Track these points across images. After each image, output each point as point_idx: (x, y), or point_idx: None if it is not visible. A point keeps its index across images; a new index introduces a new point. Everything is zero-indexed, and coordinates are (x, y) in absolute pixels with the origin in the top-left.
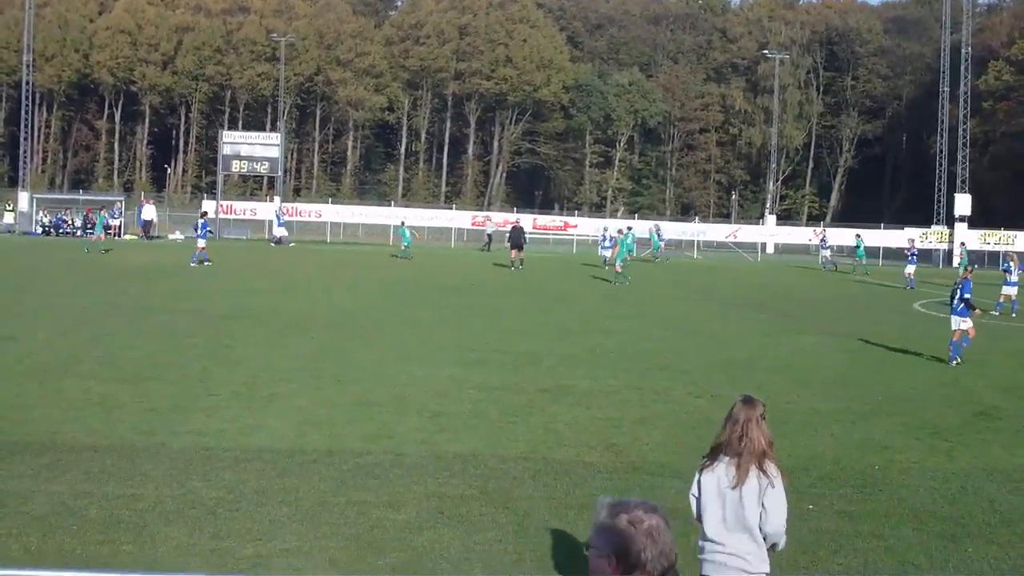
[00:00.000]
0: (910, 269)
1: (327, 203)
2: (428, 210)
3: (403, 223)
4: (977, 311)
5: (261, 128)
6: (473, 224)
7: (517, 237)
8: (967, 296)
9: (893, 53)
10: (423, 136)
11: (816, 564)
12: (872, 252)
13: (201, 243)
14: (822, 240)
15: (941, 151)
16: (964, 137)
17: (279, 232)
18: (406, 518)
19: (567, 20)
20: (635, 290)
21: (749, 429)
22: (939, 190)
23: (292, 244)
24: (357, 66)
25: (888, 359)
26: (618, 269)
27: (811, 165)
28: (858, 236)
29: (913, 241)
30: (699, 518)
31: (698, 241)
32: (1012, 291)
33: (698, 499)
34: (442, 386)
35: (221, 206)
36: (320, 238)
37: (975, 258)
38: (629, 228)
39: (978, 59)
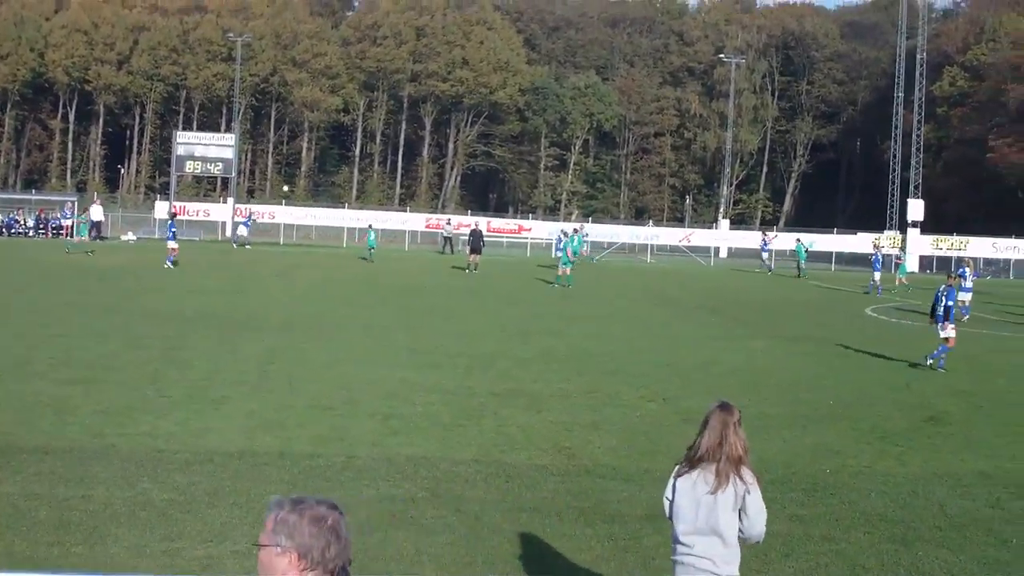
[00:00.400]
0: (877, 275)
1: (281, 204)
2: (382, 212)
3: (370, 226)
4: (952, 325)
5: (216, 129)
6: (427, 226)
7: (476, 241)
8: (949, 304)
9: (849, 58)
10: (378, 138)
11: (768, 567)
12: (826, 257)
13: (172, 244)
14: (763, 243)
15: (895, 156)
16: (918, 143)
17: (243, 232)
18: (357, 520)
19: (524, 22)
20: (588, 293)
21: (727, 435)
22: (892, 195)
23: (248, 246)
24: (313, 67)
25: (840, 364)
26: (560, 272)
27: (765, 169)
28: (798, 240)
29: (879, 247)
30: (671, 521)
31: (651, 245)
32: (967, 297)
33: (671, 502)
34: (394, 389)
35: (174, 207)
36: (273, 239)
37: (926, 263)
38: (575, 230)
39: (933, 65)
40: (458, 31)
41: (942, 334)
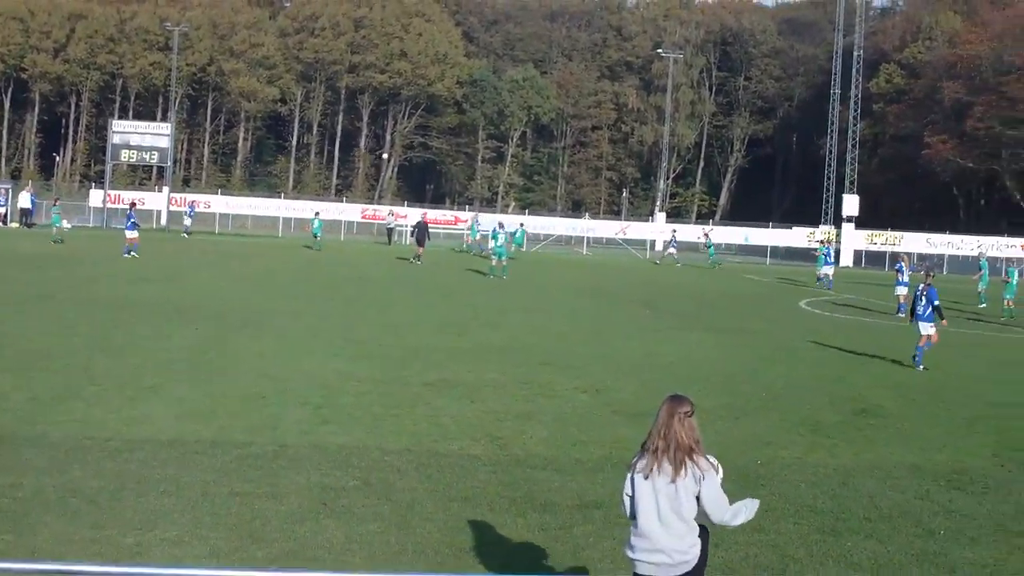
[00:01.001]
0: (827, 270)
1: (216, 194)
2: (319, 203)
3: (317, 214)
4: (944, 320)
5: (152, 118)
6: (363, 217)
7: (420, 233)
8: (936, 303)
9: (786, 55)
10: (315, 128)
11: None
12: (761, 251)
13: (131, 234)
14: (672, 238)
15: (831, 152)
16: (854, 139)
17: (187, 222)
18: (288, 509)
19: (463, 15)
20: (524, 285)
21: (671, 425)
22: (828, 190)
23: (186, 235)
24: (250, 57)
25: (773, 356)
26: (495, 263)
27: (702, 164)
28: (706, 234)
29: (828, 242)
30: (632, 515)
31: (588, 237)
32: (903, 291)
33: (631, 497)
34: (327, 379)
35: (109, 195)
36: (209, 229)
37: (858, 257)
38: (500, 225)
39: (870, 62)
40: (396, 23)
41: (922, 332)
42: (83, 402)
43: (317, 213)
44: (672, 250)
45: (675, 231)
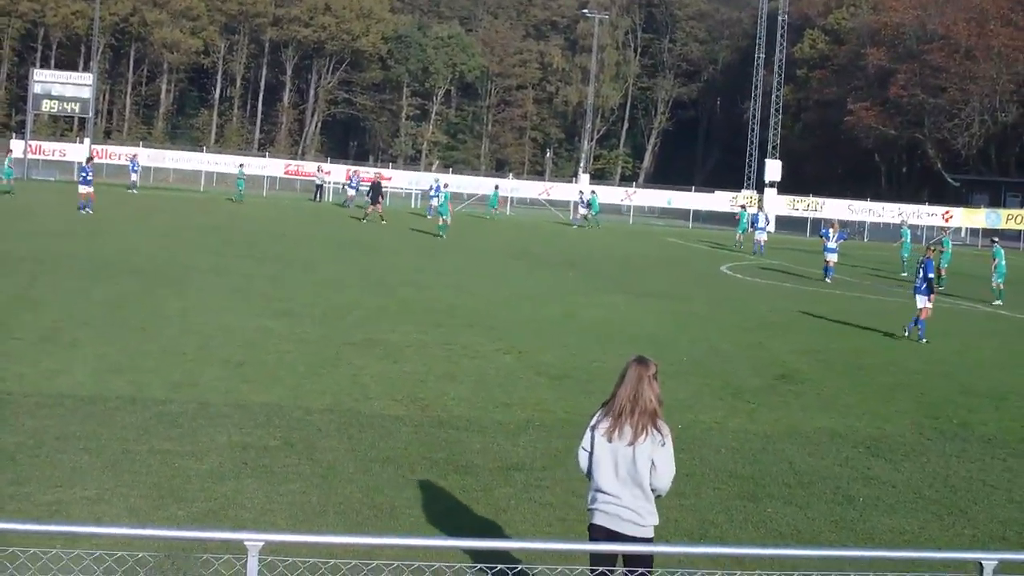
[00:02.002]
0: (761, 236)
1: (138, 147)
2: (242, 157)
3: (241, 166)
4: (933, 295)
5: (74, 68)
6: (286, 172)
7: (375, 192)
8: (931, 276)
9: (711, 18)
10: (238, 82)
11: None
12: (683, 214)
13: (84, 189)
14: (580, 199)
15: (754, 116)
16: (777, 104)
17: (134, 177)
18: (209, 467)
19: None
20: (448, 246)
21: (641, 388)
22: (751, 155)
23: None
24: (174, 7)
25: (694, 321)
26: (441, 221)
27: (626, 126)
28: (593, 192)
29: (762, 208)
30: (588, 473)
31: (511, 198)
32: (832, 257)
33: (590, 454)
34: (249, 337)
35: (30, 146)
36: (128, 182)
37: (780, 222)
38: (446, 185)
39: (794, 27)
40: None
41: (918, 305)
42: (1, 356)
43: (241, 165)
44: (583, 211)
45: (581, 192)
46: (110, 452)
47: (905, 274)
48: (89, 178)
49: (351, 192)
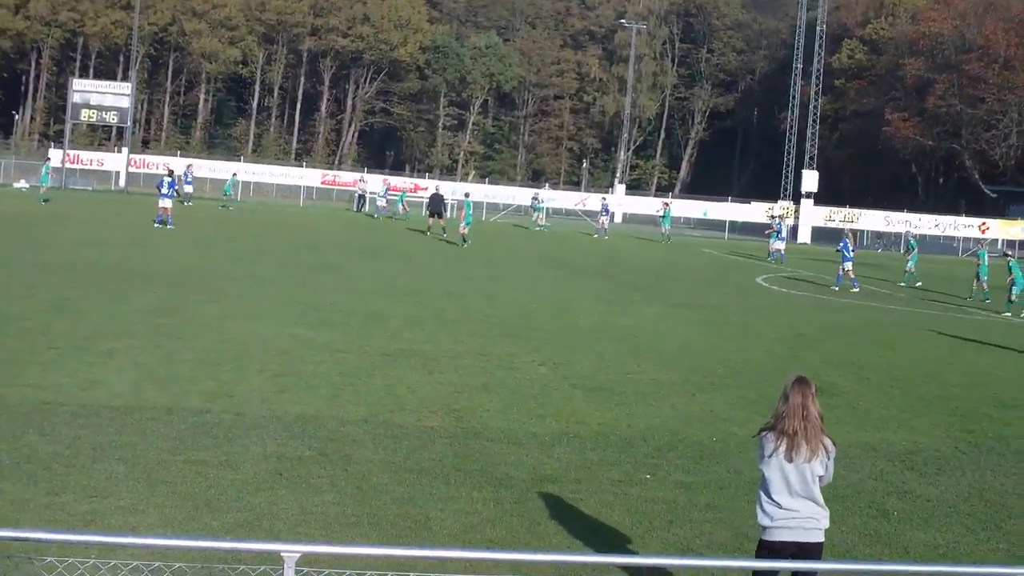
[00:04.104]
0: (779, 245)
1: (176, 155)
2: (278, 167)
3: (234, 174)
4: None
5: (113, 77)
6: (322, 182)
7: (437, 204)
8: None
9: (749, 28)
10: (276, 92)
11: (651, 534)
12: (719, 225)
13: (165, 203)
14: (603, 207)
15: (791, 127)
16: (815, 114)
17: (188, 189)
18: (244, 478)
19: None
20: (482, 255)
21: (808, 406)
22: (787, 166)
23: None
24: (212, 17)
25: (730, 332)
26: (462, 231)
27: (663, 136)
28: (667, 205)
29: (778, 216)
30: (764, 489)
31: (547, 208)
32: (848, 266)
33: (764, 474)
34: (285, 346)
35: (68, 155)
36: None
37: (817, 234)
38: (467, 194)
39: (833, 37)
40: None
41: None
42: (39, 366)
43: (234, 174)
44: (604, 219)
45: (604, 199)
46: (146, 462)
47: (920, 283)
48: (167, 192)
49: (382, 202)
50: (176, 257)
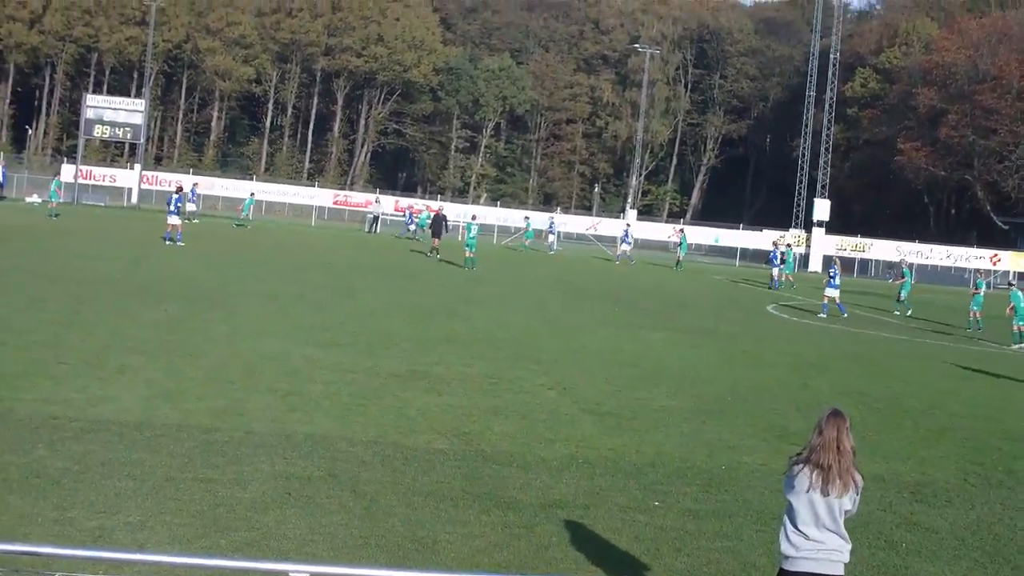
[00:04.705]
0: (775, 271)
1: (188, 173)
2: (290, 186)
3: (252, 194)
4: None
5: (126, 93)
6: (334, 203)
7: (438, 225)
8: None
9: (762, 54)
10: (289, 111)
11: (658, 561)
12: (731, 252)
13: (173, 220)
14: (624, 233)
15: (804, 155)
16: (827, 142)
17: (190, 207)
18: (252, 497)
19: (441, 1)
20: (492, 277)
21: (842, 440)
22: (799, 194)
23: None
24: (227, 35)
25: (739, 359)
26: (467, 254)
27: (675, 162)
28: (682, 231)
29: (776, 244)
30: (791, 519)
31: (558, 232)
32: (835, 293)
33: (790, 502)
34: (295, 365)
35: (81, 171)
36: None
37: (828, 262)
38: (473, 217)
39: (846, 65)
40: (374, 7)
41: None
42: (49, 380)
43: (252, 193)
44: (625, 247)
45: (628, 225)
46: (154, 479)
47: (910, 312)
48: (176, 209)
49: (412, 227)
50: (186, 273)
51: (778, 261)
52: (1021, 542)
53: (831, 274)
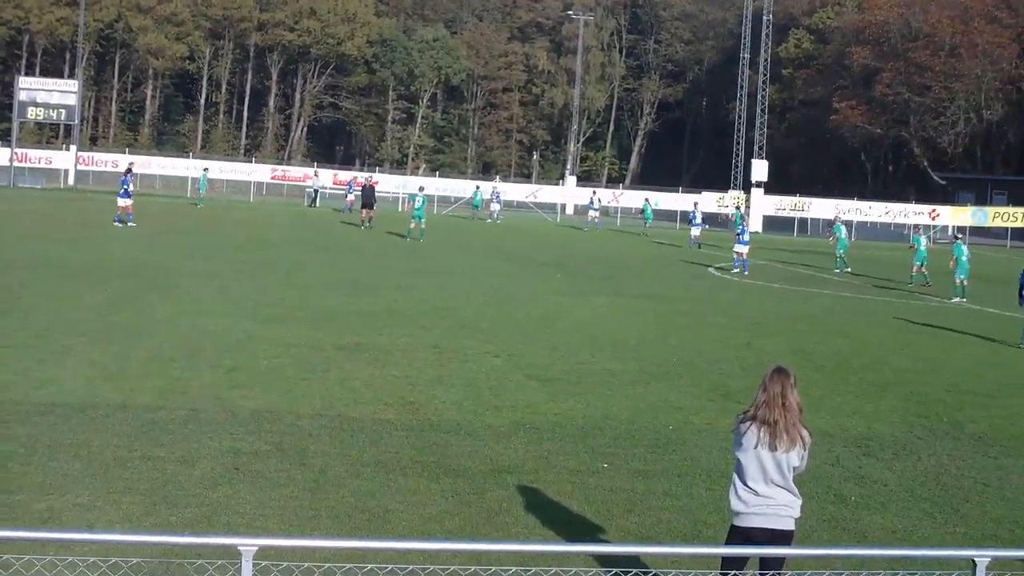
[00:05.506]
0: (695, 231)
1: (124, 152)
2: (227, 163)
3: (205, 170)
4: None
5: (59, 75)
6: (272, 178)
7: (368, 196)
8: None
9: (696, 18)
10: (224, 87)
11: (610, 522)
12: (670, 215)
13: (123, 201)
14: (590, 201)
15: (740, 117)
16: (763, 103)
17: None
18: (200, 473)
19: None
20: (434, 248)
21: (787, 396)
22: (737, 155)
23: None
24: (158, 13)
25: (683, 322)
26: (412, 226)
27: (612, 127)
28: (647, 200)
29: (697, 204)
30: (740, 476)
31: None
32: (744, 249)
33: (739, 459)
34: (238, 341)
35: (16, 154)
36: (116, 188)
37: (769, 224)
38: (420, 188)
39: (779, 27)
40: None
41: None
42: None
43: (206, 169)
44: (594, 214)
45: (594, 192)
46: (101, 459)
47: (849, 269)
48: (129, 190)
49: (351, 198)
50: (127, 254)
51: (697, 220)
52: (968, 491)
53: (738, 231)
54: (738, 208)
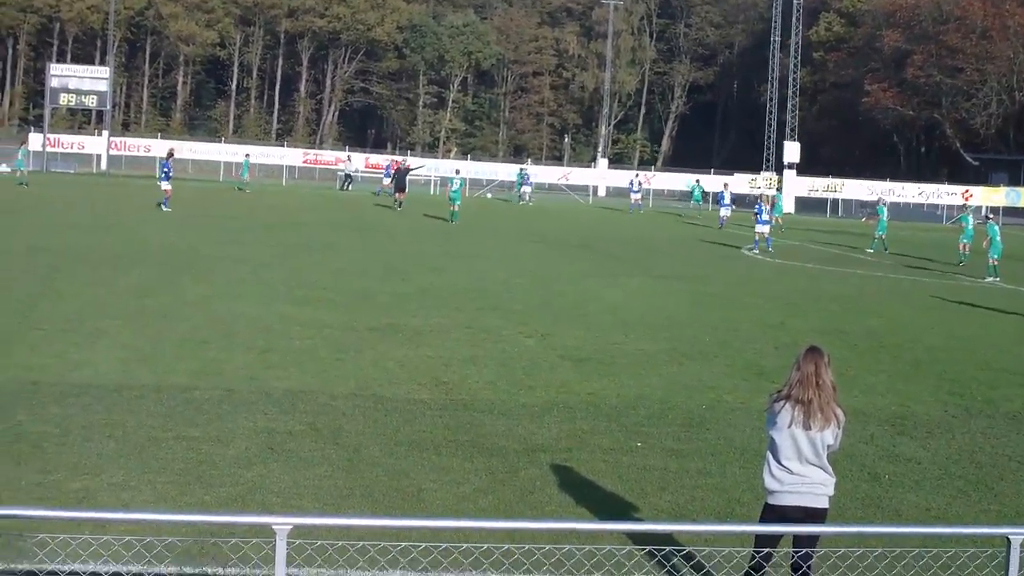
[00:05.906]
0: (763, 228)
1: (156, 138)
2: (259, 147)
3: (247, 156)
4: None
5: (90, 62)
6: (304, 162)
7: (401, 179)
8: None
9: (726, 1)
10: (255, 73)
11: (643, 500)
12: (703, 197)
13: (165, 185)
14: (631, 184)
15: (771, 99)
16: (794, 86)
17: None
18: (235, 453)
19: None
20: (467, 230)
21: (821, 375)
22: (768, 138)
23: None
24: (189, 1)
25: (716, 302)
26: (453, 208)
27: (643, 110)
28: (697, 182)
29: (727, 186)
30: (774, 454)
31: (533, 183)
32: (764, 229)
33: (773, 438)
34: (272, 323)
35: (48, 139)
36: (149, 173)
37: (800, 204)
38: (456, 171)
39: (810, 10)
40: None
41: None
42: (26, 347)
43: (247, 155)
44: (636, 196)
45: (637, 175)
46: (136, 440)
47: (886, 250)
48: (170, 174)
49: (386, 181)
50: (161, 238)
51: (726, 201)
52: (1003, 470)
53: (756, 211)
54: (774, 188)
